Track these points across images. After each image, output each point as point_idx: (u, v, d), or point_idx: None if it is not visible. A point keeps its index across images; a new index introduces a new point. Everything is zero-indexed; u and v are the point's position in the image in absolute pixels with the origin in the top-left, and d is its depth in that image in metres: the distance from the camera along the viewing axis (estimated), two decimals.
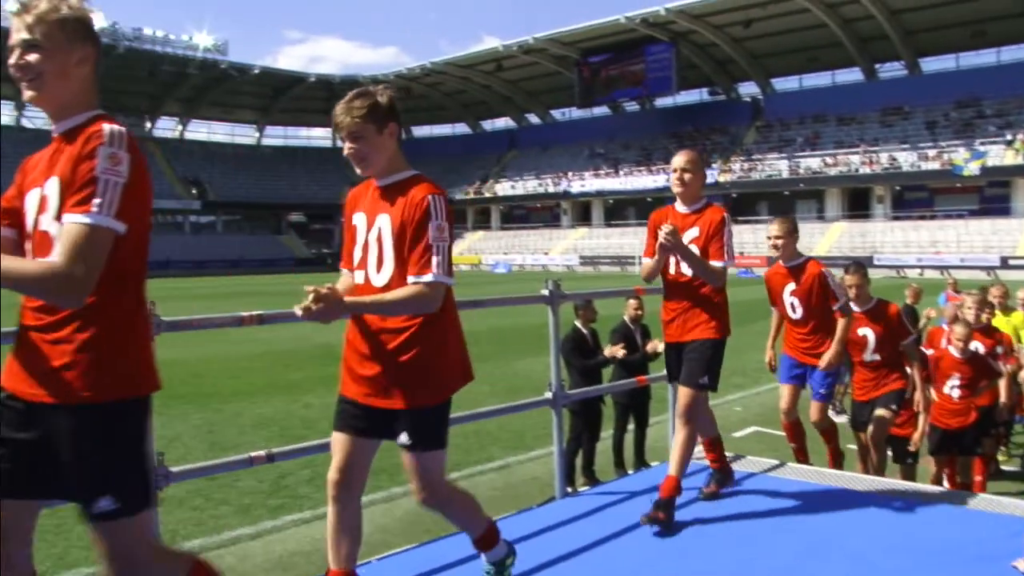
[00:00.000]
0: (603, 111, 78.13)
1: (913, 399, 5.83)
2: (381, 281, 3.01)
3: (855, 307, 5.79)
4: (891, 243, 52.91)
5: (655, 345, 6.97)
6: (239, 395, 11.73)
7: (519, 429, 8.94)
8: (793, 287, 5.75)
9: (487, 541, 3.42)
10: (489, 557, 3.45)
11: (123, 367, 2.27)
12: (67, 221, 2.14)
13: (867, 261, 39.39)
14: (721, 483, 4.87)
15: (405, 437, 3.00)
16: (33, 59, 2.24)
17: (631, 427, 7.53)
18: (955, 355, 6.00)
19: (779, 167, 62.00)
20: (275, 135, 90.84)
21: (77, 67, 2.29)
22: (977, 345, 6.17)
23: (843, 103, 64.14)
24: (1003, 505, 4.52)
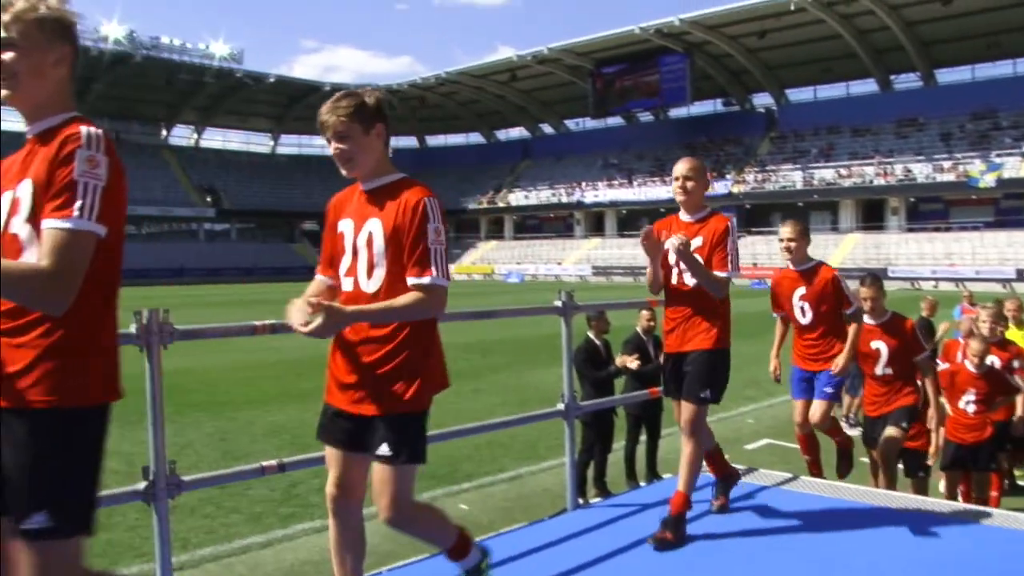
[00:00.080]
0: (617, 121, 78.14)
1: (926, 414, 5.77)
2: (372, 287, 2.95)
3: (870, 320, 5.75)
4: (905, 255, 52.62)
5: None
6: (252, 403, 11.75)
7: (531, 440, 8.92)
8: (803, 291, 5.64)
9: (459, 551, 3.28)
10: (464, 565, 3.33)
11: (85, 374, 2.20)
12: (49, 226, 2.09)
13: (881, 273, 39.20)
14: (727, 491, 4.84)
15: (386, 448, 2.88)
16: (8, 58, 2.19)
17: (643, 439, 7.50)
18: (971, 370, 5.94)
19: (793, 178, 61.83)
20: (290, 144, 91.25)
21: (54, 67, 2.25)
22: (993, 359, 6.12)
23: (858, 114, 63.94)
24: (1020, 521, 4.47)
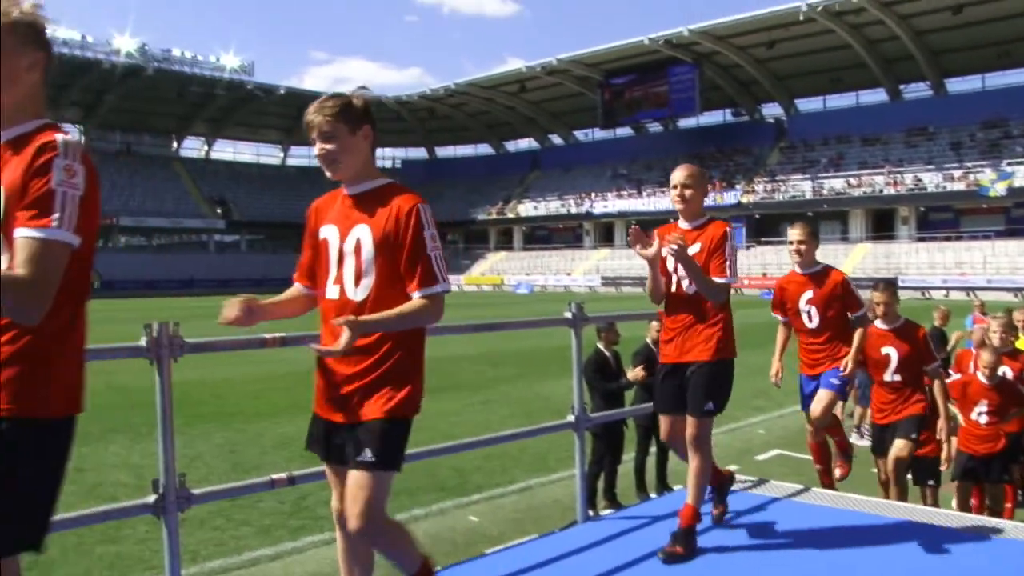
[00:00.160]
0: (626, 132, 78.20)
1: (935, 424, 5.72)
2: (360, 296, 2.89)
3: (882, 325, 5.70)
4: (916, 264, 52.40)
5: None
6: (261, 415, 11.76)
7: (541, 451, 8.90)
8: (811, 295, 5.58)
9: None
10: None
11: (48, 385, 2.13)
12: (25, 235, 2.03)
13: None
14: (724, 497, 4.78)
15: (369, 453, 2.80)
16: None
17: (652, 450, 7.48)
18: (983, 381, 5.90)
19: (803, 188, 61.72)
20: (300, 155, 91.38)
21: (27, 72, 2.20)
22: (1005, 370, 6.07)
23: (867, 124, 63.84)
24: None
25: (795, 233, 5.63)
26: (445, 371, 16.35)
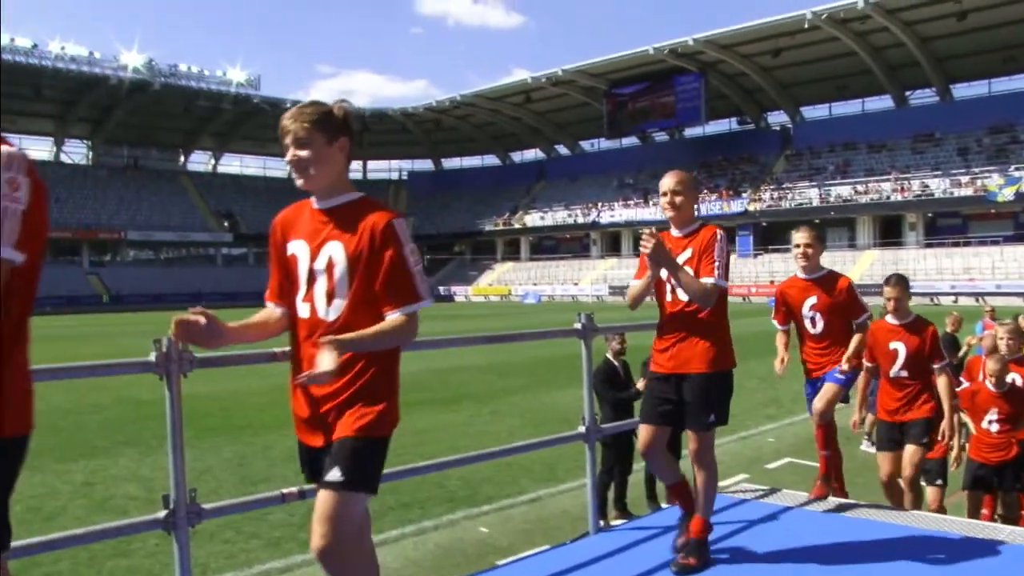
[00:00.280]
0: (632, 141, 78.28)
1: (939, 429, 5.65)
2: (332, 315, 2.76)
3: (893, 320, 5.65)
4: (924, 270, 52.24)
5: None
6: (269, 428, 11.75)
7: (550, 461, 8.87)
8: (814, 300, 5.48)
9: None
10: None
11: None
12: None
13: None
14: (685, 528, 4.39)
15: (338, 472, 2.64)
16: None
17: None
18: (991, 389, 5.85)
19: (809, 195, 61.67)
20: None
21: None
22: (1014, 376, 6.02)
23: (873, 131, 63.82)
24: None
25: (801, 236, 5.51)
26: (453, 382, 16.35)
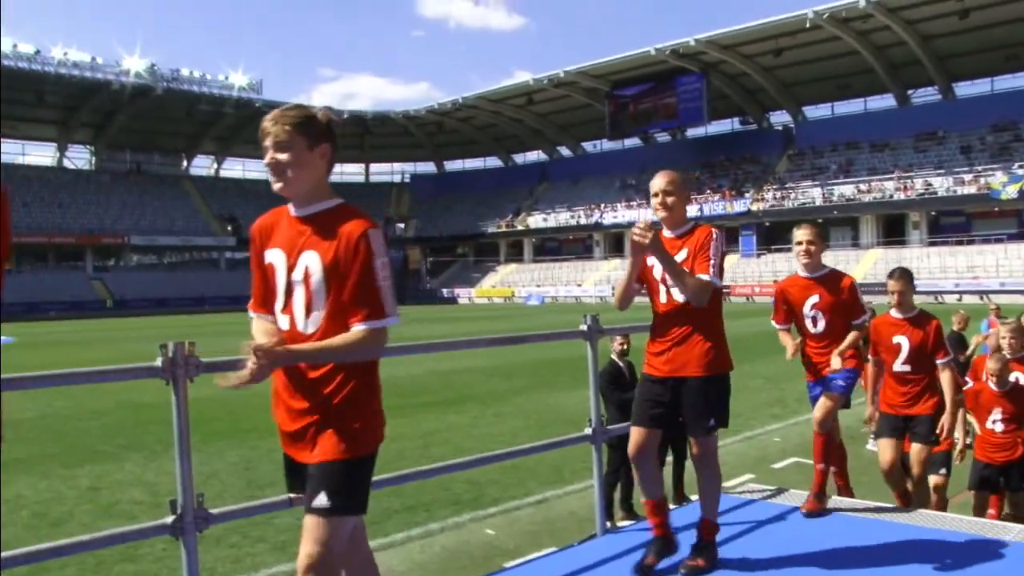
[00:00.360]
0: (634, 142, 78.26)
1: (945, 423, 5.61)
2: (311, 328, 2.70)
3: (896, 313, 5.62)
4: (928, 269, 52.15)
5: None
6: (275, 431, 11.68)
7: (556, 463, 8.86)
8: (816, 299, 5.36)
9: None
10: None
11: None
12: None
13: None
14: (660, 554, 4.21)
15: (324, 498, 2.61)
16: None
17: (669, 459, 7.43)
18: (993, 388, 5.82)
19: (812, 195, 61.62)
20: None
21: None
22: (1017, 375, 5.98)
23: (876, 129, 63.78)
24: None
25: (803, 233, 5.40)
26: (456, 384, 16.35)
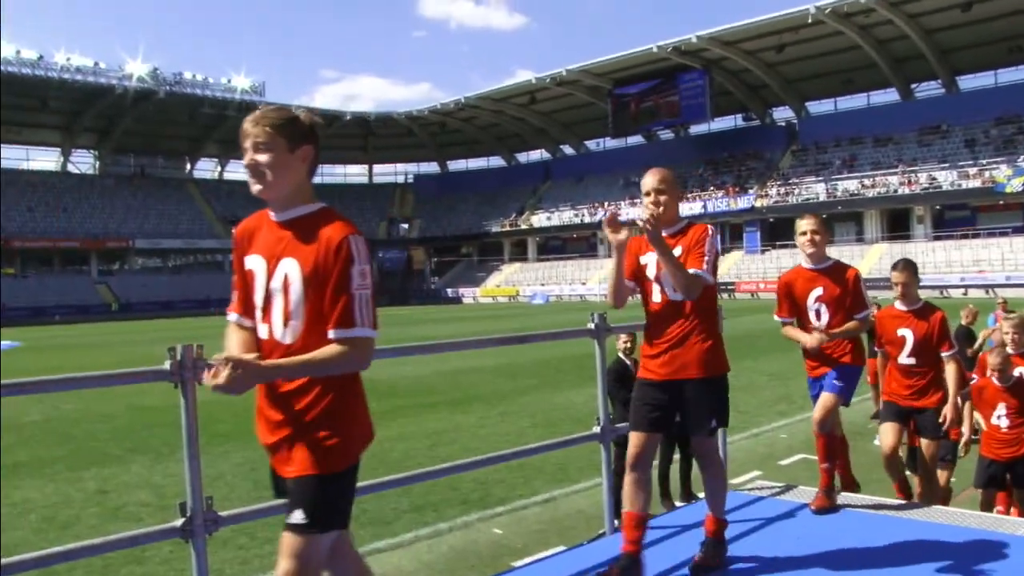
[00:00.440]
0: (637, 140, 78.20)
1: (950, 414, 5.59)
2: (289, 338, 2.61)
3: (901, 306, 5.59)
4: (933, 263, 52.01)
5: None
6: None
7: (562, 462, 8.85)
8: (821, 292, 5.26)
9: None
10: None
11: None
12: None
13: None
14: (627, 571, 3.93)
15: (300, 515, 2.56)
16: None
17: (676, 457, 7.43)
18: (997, 384, 5.80)
19: (816, 190, 61.53)
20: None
21: None
22: (1021, 371, 5.95)
23: (879, 124, 63.64)
24: None
25: (807, 223, 5.32)
26: (463, 384, 16.35)
